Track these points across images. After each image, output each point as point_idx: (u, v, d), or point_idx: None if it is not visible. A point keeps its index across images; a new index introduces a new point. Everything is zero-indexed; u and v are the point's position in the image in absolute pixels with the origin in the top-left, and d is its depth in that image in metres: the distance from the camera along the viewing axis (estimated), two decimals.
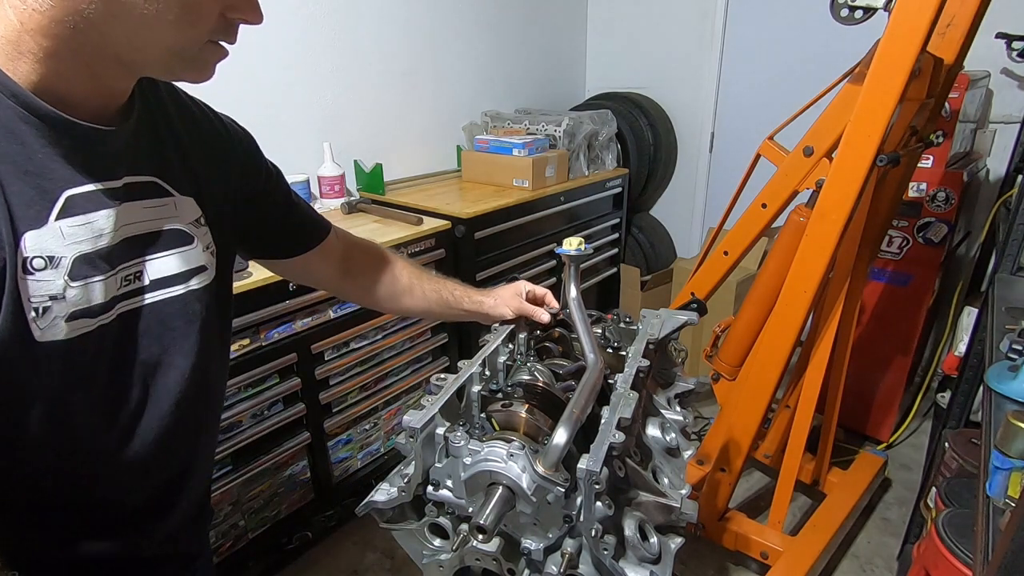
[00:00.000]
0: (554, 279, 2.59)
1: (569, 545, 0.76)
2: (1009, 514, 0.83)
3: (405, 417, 0.78)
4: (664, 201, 3.50)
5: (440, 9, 2.60)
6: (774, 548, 1.72)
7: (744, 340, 1.70)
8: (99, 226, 0.60)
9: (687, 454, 0.96)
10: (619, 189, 2.92)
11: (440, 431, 0.79)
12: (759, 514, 2.07)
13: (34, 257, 0.55)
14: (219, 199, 0.76)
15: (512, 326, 1.05)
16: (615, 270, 3.09)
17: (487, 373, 0.96)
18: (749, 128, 2.70)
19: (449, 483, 0.80)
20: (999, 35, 2.21)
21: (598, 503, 0.70)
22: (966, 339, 1.77)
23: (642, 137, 3.05)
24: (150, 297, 0.67)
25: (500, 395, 0.91)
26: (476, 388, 0.92)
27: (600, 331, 1.12)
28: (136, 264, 0.66)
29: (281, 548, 1.87)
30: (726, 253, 1.70)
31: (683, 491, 0.86)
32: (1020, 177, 2.02)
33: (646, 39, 3.24)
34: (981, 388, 1.25)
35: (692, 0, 3.05)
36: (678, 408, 1.07)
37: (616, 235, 3.03)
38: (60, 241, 0.56)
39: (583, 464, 0.70)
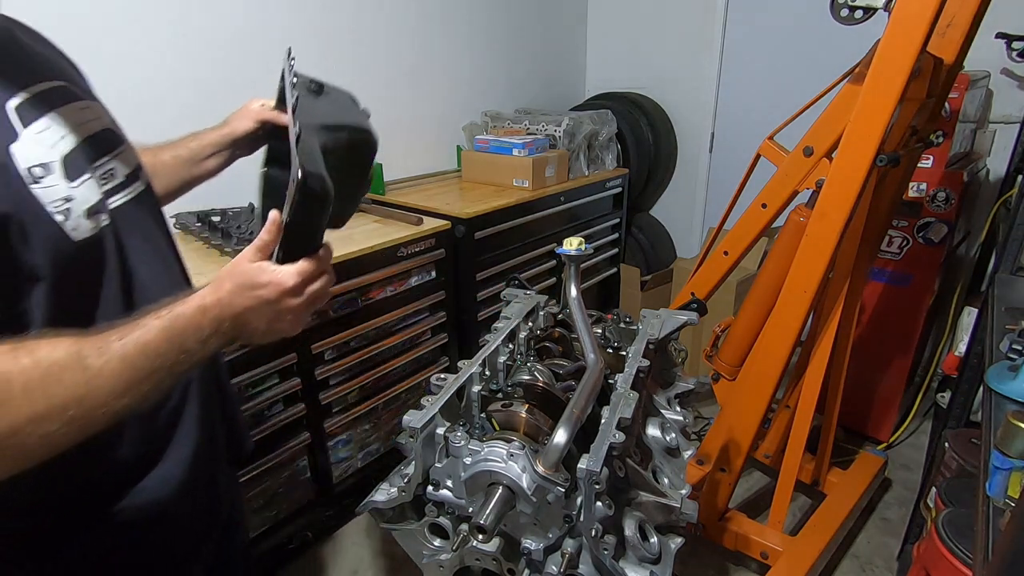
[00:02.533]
0: (554, 279, 2.59)
1: (569, 545, 0.76)
2: (1009, 514, 0.83)
3: (405, 417, 0.78)
4: (664, 201, 3.50)
5: (441, 9, 2.60)
6: (774, 548, 1.72)
7: (744, 340, 1.70)
8: (57, 129, 0.62)
9: (687, 454, 0.96)
10: (619, 189, 2.92)
11: (440, 431, 0.79)
12: (759, 514, 2.06)
13: (31, 167, 0.57)
14: None
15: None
16: (615, 270, 3.09)
17: (487, 373, 0.96)
18: (749, 128, 2.70)
19: (449, 483, 0.80)
20: (999, 35, 2.21)
21: (598, 503, 0.71)
22: (966, 339, 1.77)
23: (642, 137, 3.05)
24: (126, 193, 0.70)
25: (500, 395, 0.92)
26: (476, 388, 0.92)
27: (600, 331, 1.12)
28: (107, 161, 0.68)
29: (281, 548, 1.88)
30: (726, 253, 1.70)
31: (683, 491, 0.86)
32: (1020, 177, 2.02)
33: (646, 39, 3.24)
34: (981, 388, 1.25)
35: (692, 0, 3.05)
36: (678, 408, 1.07)
37: (616, 235, 3.03)
38: (40, 147, 0.59)
39: (583, 464, 0.70)
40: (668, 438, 0.95)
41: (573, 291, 1.03)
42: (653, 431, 0.96)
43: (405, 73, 2.53)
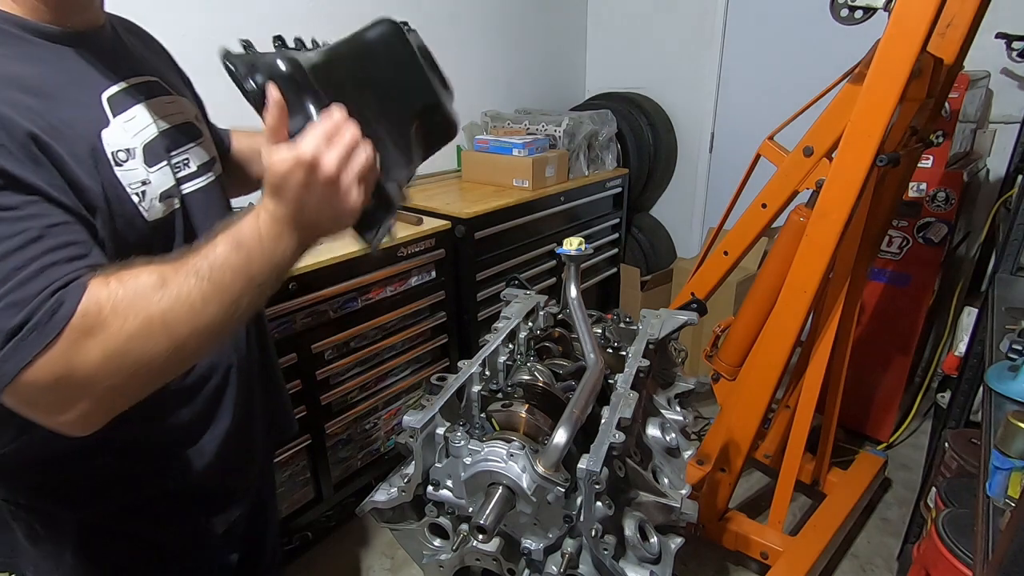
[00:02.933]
0: (554, 279, 2.59)
1: (569, 545, 0.76)
2: (1009, 514, 0.83)
3: (405, 417, 0.78)
4: (664, 201, 3.50)
5: (440, 10, 2.60)
6: (774, 548, 1.72)
7: (744, 340, 1.70)
8: (143, 119, 0.69)
9: (687, 454, 0.96)
10: (619, 189, 2.92)
11: (440, 431, 0.79)
12: (759, 514, 2.06)
13: (116, 151, 0.65)
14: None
15: None
16: (615, 270, 3.09)
17: (487, 373, 0.96)
18: (749, 128, 2.70)
19: (449, 483, 0.80)
20: (999, 35, 2.21)
21: (598, 503, 0.71)
22: (966, 339, 1.77)
23: (642, 137, 3.05)
24: (198, 182, 0.77)
25: (500, 395, 0.92)
26: (476, 388, 0.92)
27: (600, 331, 1.12)
28: (182, 152, 0.75)
29: (281, 548, 1.87)
30: (726, 253, 1.70)
31: (683, 491, 0.86)
32: (1020, 177, 2.01)
33: (646, 39, 3.24)
34: (981, 388, 1.25)
35: (692, 0, 3.05)
36: (678, 408, 1.07)
37: (616, 235, 3.02)
38: (126, 134, 0.66)
39: (583, 464, 0.70)
40: (668, 438, 0.95)
41: (573, 291, 1.03)
42: (653, 431, 0.96)
43: None
